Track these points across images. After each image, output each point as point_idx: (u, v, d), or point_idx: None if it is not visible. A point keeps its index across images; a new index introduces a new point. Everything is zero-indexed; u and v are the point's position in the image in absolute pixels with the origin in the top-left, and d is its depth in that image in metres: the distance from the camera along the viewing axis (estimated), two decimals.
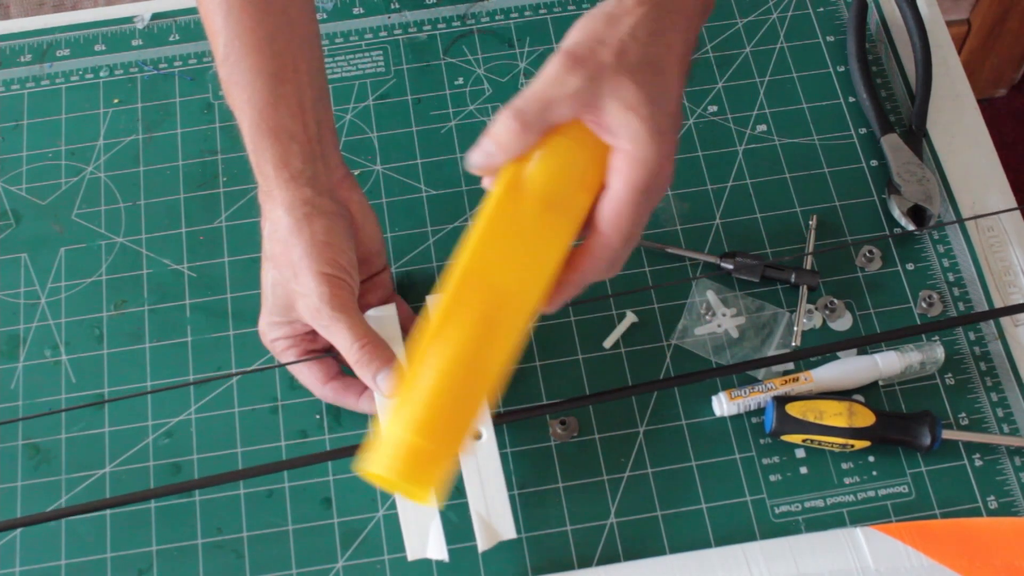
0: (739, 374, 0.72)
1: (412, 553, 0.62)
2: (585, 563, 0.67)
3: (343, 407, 0.70)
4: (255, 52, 0.64)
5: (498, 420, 0.66)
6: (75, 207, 0.79)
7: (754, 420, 0.71)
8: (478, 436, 0.64)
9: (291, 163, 0.64)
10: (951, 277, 0.75)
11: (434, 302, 0.68)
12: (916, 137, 0.79)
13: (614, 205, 0.56)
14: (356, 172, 0.80)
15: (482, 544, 0.62)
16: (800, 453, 0.70)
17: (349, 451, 0.66)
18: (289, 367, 0.69)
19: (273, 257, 0.65)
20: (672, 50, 0.57)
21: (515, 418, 0.69)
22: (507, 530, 0.63)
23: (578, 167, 0.57)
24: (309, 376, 0.69)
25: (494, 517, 0.63)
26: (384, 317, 0.68)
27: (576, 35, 0.56)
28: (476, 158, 0.57)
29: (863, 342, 0.71)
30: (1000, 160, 0.80)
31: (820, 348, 0.71)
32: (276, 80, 0.64)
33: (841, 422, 0.68)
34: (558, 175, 0.57)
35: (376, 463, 0.56)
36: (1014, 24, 1.53)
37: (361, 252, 0.69)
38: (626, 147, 0.56)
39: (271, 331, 0.68)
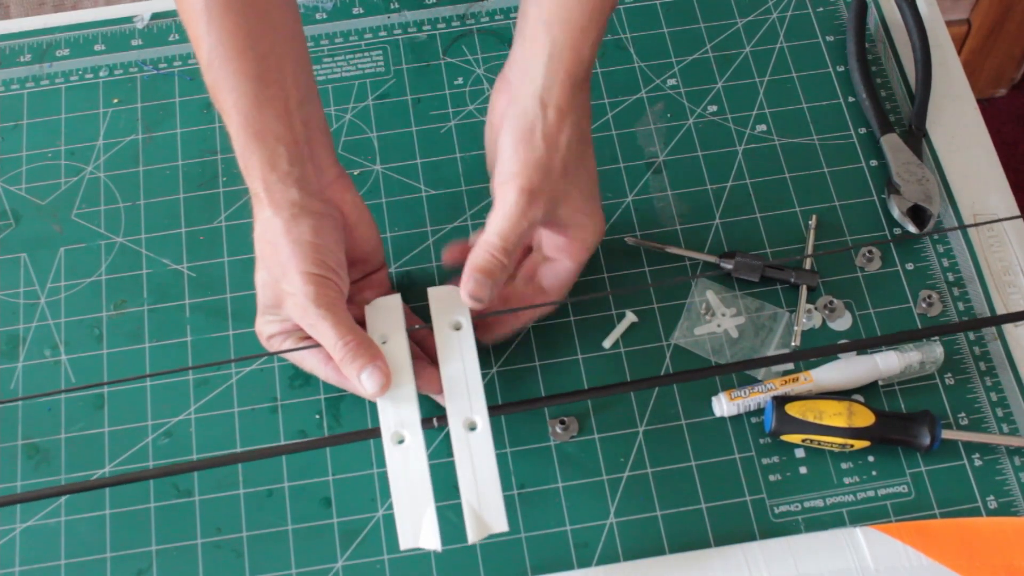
0: (739, 374, 0.72)
1: (404, 542, 0.61)
2: (585, 563, 0.67)
3: (347, 389, 0.70)
4: (239, 56, 0.64)
5: (493, 412, 0.65)
6: (75, 207, 0.79)
7: (754, 420, 0.71)
8: (472, 426, 0.64)
9: (278, 165, 0.65)
10: (951, 277, 0.75)
11: (433, 295, 0.68)
12: (916, 137, 0.79)
13: (565, 278, 0.70)
14: (356, 172, 0.80)
15: (472, 536, 0.62)
16: (800, 453, 0.70)
17: (351, 436, 0.67)
18: (291, 355, 0.70)
19: (263, 257, 0.66)
20: (588, 136, 0.67)
21: (510, 411, 0.69)
22: (499, 523, 0.62)
23: None
24: (312, 360, 0.69)
25: (485, 509, 0.62)
26: (388, 306, 0.68)
27: (524, 167, 0.64)
28: (482, 293, 0.64)
29: (864, 345, 0.71)
30: (1000, 160, 0.80)
31: (823, 349, 0.70)
32: (261, 83, 0.65)
33: (841, 422, 0.68)
34: None
35: None
36: (1014, 24, 1.53)
37: (356, 252, 0.69)
38: (577, 236, 0.68)
39: (266, 329, 0.68)
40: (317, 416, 0.72)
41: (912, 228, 0.76)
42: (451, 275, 0.75)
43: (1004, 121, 1.67)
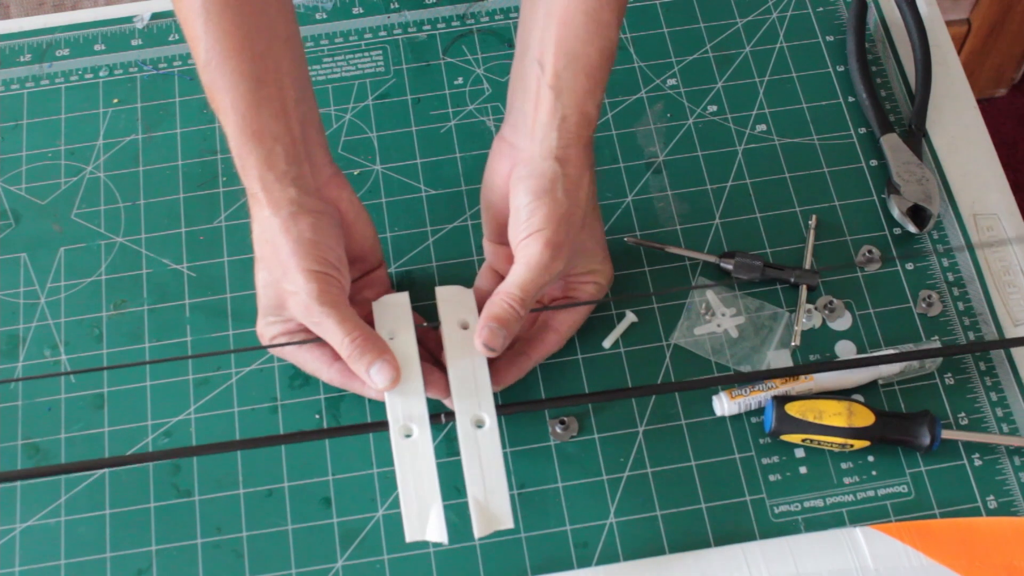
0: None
1: (411, 534, 0.61)
2: (585, 563, 0.67)
3: (350, 391, 0.70)
4: (235, 56, 0.64)
5: (497, 412, 0.65)
6: (74, 207, 0.79)
7: (754, 420, 0.71)
8: (480, 423, 0.64)
9: (275, 165, 0.65)
10: (950, 277, 0.75)
11: (441, 294, 0.68)
12: (916, 137, 0.79)
13: (576, 316, 0.71)
14: (356, 172, 0.80)
15: (478, 530, 0.62)
16: (800, 453, 0.70)
17: (357, 429, 0.67)
18: (293, 355, 0.70)
19: (263, 258, 0.66)
20: (595, 189, 0.69)
21: (513, 411, 0.69)
22: (505, 518, 0.62)
23: None
24: (314, 360, 0.69)
25: (492, 505, 0.62)
26: (396, 304, 0.68)
27: (548, 221, 0.65)
28: (495, 342, 0.64)
29: (871, 362, 0.70)
30: (1000, 160, 0.80)
31: (825, 364, 0.70)
32: (257, 83, 0.65)
33: (840, 422, 0.68)
34: None
35: None
36: (1014, 24, 1.53)
37: (354, 250, 0.69)
38: (590, 280, 0.70)
39: (268, 331, 0.68)
40: (317, 416, 0.72)
41: (912, 228, 0.76)
42: (452, 274, 0.75)
43: (1004, 121, 1.67)
